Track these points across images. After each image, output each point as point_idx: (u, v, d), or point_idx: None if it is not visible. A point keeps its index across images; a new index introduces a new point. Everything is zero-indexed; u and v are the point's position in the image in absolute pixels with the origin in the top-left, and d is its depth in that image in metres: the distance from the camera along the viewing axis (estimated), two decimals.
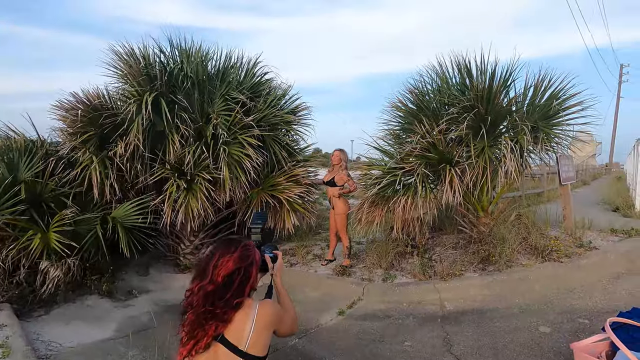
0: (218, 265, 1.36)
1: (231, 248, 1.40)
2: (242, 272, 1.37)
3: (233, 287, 1.34)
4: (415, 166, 4.05)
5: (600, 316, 3.11)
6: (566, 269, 3.91)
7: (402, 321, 3.37)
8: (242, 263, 1.38)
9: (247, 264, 1.39)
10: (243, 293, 1.36)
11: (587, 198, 9.78)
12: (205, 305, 1.32)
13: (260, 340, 1.33)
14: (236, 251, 1.39)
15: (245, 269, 1.38)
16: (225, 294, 1.33)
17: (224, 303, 1.32)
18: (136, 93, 4.44)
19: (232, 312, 1.33)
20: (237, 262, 1.37)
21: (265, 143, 4.84)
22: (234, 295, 1.33)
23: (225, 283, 1.34)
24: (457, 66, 4.50)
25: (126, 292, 4.46)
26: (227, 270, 1.35)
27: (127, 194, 4.81)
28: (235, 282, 1.35)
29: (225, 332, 1.30)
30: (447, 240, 4.92)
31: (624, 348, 1.91)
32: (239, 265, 1.37)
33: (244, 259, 1.39)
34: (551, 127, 4.11)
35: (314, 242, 6.00)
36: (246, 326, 1.32)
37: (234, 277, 1.35)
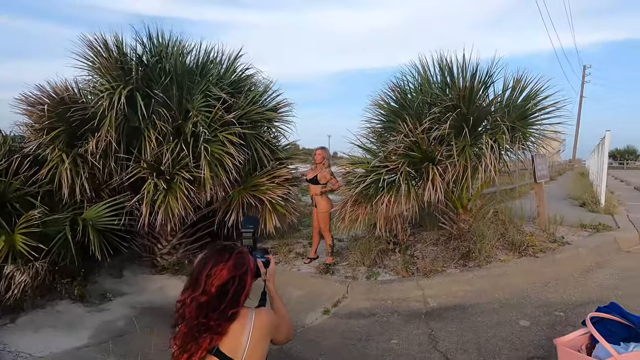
0: (211, 275, 1.29)
1: (225, 256, 1.33)
2: (236, 282, 1.30)
3: (227, 297, 1.28)
4: (399, 165, 4.08)
5: (574, 309, 3.26)
6: (541, 263, 4.08)
7: (388, 319, 3.39)
8: (237, 271, 1.31)
9: (241, 273, 1.32)
10: (238, 303, 1.29)
11: (556, 193, 10.24)
12: (198, 317, 1.25)
13: (258, 351, 1.29)
14: (230, 259, 1.32)
15: (240, 278, 1.32)
16: (219, 305, 1.26)
17: (218, 315, 1.26)
18: (109, 87, 4.21)
19: (227, 324, 1.27)
20: (232, 271, 1.30)
21: (246, 141, 4.72)
22: (228, 306, 1.27)
23: (219, 293, 1.27)
24: (438, 65, 4.56)
25: (100, 295, 4.25)
26: (221, 280, 1.28)
27: (100, 193, 4.58)
28: (230, 292, 1.28)
29: (220, 344, 1.24)
30: (427, 237, 5.01)
31: (602, 341, 2.00)
32: (234, 274, 1.30)
33: (238, 267, 1.32)
34: (527, 126, 4.25)
35: (296, 239, 5.95)
36: (242, 338, 1.26)
37: (228, 287, 1.28)
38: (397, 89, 4.84)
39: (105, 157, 4.40)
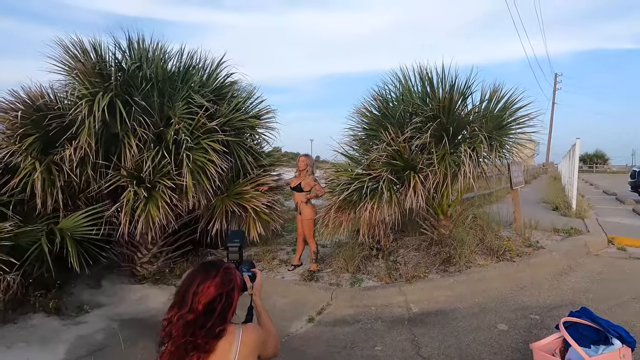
0: (198, 292, 1.28)
1: (212, 273, 1.33)
2: (224, 298, 1.30)
3: (215, 315, 1.27)
4: (382, 172, 4.16)
5: (549, 311, 3.40)
6: (518, 267, 4.23)
7: (372, 325, 3.44)
8: (224, 288, 1.31)
9: (229, 289, 1.32)
10: (225, 320, 1.29)
11: (530, 197, 10.62)
12: (185, 335, 1.25)
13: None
14: (217, 276, 1.32)
15: (227, 295, 1.31)
16: (206, 323, 1.26)
17: (205, 332, 1.25)
18: (88, 93, 4.10)
19: (215, 341, 1.27)
20: (219, 288, 1.30)
21: (229, 148, 4.70)
22: (216, 324, 1.27)
23: (206, 311, 1.27)
24: (419, 75, 4.69)
25: (76, 307, 4.11)
26: (208, 298, 1.28)
27: (77, 202, 4.44)
28: (217, 310, 1.28)
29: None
30: (409, 243, 5.10)
31: (574, 344, 2.11)
32: (221, 291, 1.30)
33: (225, 283, 1.32)
34: (503, 136, 4.41)
35: (279, 246, 5.94)
36: (230, 355, 1.27)
37: (215, 304, 1.28)
38: (380, 97, 4.93)
39: (83, 165, 4.27)
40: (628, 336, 2.16)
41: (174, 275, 4.73)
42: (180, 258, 5.00)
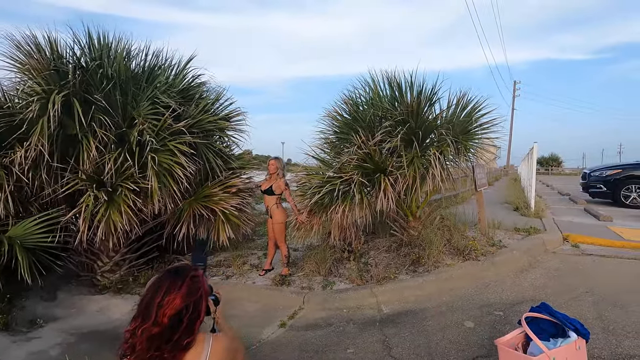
0: (164, 305, 1.21)
1: (177, 282, 1.26)
2: (191, 309, 1.24)
3: (182, 326, 1.21)
4: (353, 175, 4.19)
5: (511, 307, 3.56)
6: (483, 266, 4.39)
7: (344, 328, 3.44)
8: (191, 298, 1.25)
9: (196, 299, 1.27)
10: (193, 331, 1.24)
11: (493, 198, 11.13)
12: (150, 350, 1.19)
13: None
14: (183, 285, 1.26)
15: (195, 305, 1.26)
16: (173, 336, 1.20)
17: (172, 346, 1.20)
18: (41, 90, 3.84)
19: (182, 353, 1.22)
20: (185, 299, 1.23)
21: (198, 150, 4.56)
22: (183, 336, 1.21)
23: (173, 324, 1.20)
24: (387, 80, 4.79)
25: (28, 322, 3.81)
26: (174, 310, 1.21)
27: (29, 208, 4.13)
28: (184, 321, 1.22)
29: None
30: (380, 244, 5.17)
31: (535, 338, 2.21)
32: (188, 302, 1.24)
33: (192, 293, 1.26)
34: (469, 140, 4.59)
35: (250, 250, 5.83)
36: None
37: (182, 316, 1.22)
38: (350, 101, 4.99)
39: (36, 168, 3.99)
40: (583, 328, 2.29)
41: (138, 283, 4.51)
42: (145, 265, 4.78)
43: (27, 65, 4.03)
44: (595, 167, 11.14)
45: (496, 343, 2.29)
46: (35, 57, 4.01)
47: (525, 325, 2.26)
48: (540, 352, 2.14)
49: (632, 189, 9.31)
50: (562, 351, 2.17)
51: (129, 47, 4.63)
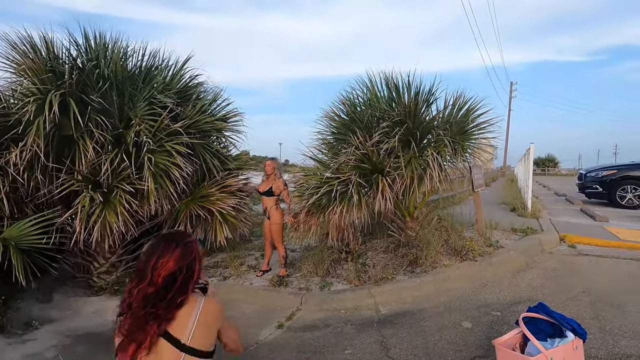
0: (158, 267, 1.29)
1: (171, 246, 1.34)
2: (184, 270, 1.32)
3: (175, 286, 1.29)
4: (351, 176, 4.19)
5: (508, 308, 3.56)
6: (480, 267, 4.40)
7: (341, 329, 3.43)
8: (184, 261, 1.33)
9: (189, 261, 1.34)
10: (187, 290, 1.31)
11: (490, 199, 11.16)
12: (146, 307, 1.26)
13: (204, 335, 1.30)
14: (177, 249, 1.33)
15: (188, 267, 1.33)
16: (167, 295, 1.27)
17: (166, 303, 1.27)
18: (37, 91, 3.81)
19: (176, 310, 1.28)
20: (179, 261, 1.31)
21: (195, 151, 4.54)
22: (177, 294, 1.29)
23: (167, 284, 1.28)
24: (385, 81, 4.79)
25: (23, 324, 3.78)
26: (167, 271, 1.29)
27: (24, 209, 4.10)
28: (178, 281, 1.30)
29: (168, 327, 1.27)
30: (378, 245, 5.17)
31: (532, 339, 2.21)
32: (181, 265, 1.31)
33: (185, 256, 1.34)
34: (466, 140, 4.60)
35: (247, 251, 5.81)
36: (189, 321, 1.28)
37: (176, 276, 1.30)
38: (348, 102, 4.99)
39: (31, 168, 3.96)
40: (580, 328, 2.29)
41: None
42: None
43: (23, 65, 4.01)
44: (591, 168, 11.20)
45: (494, 343, 2.29)
46: (31, 57, 3.98)
47: (523, 325, 2.27)
48: (538, 352, 2.14)
49: (627, 190, 9.36)
50: (559, 351, 2.17)
51: (125, 48, 4.60)
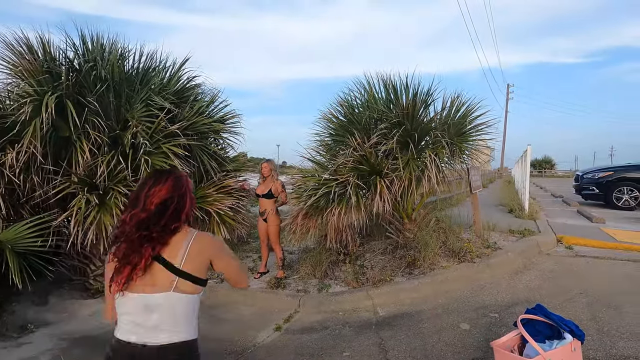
0: (150, 195, 1.35)
1: (163, 177, 1.40)
2: (175, 200, 1.37)
3: (168, 213, 1.34)
4: (349, 177, 4.18)
5: (506, 309, 3.56)
6: (478, 268, 4.40)
7: (339, 331, 3.42)
8: (175, 192, 1.38)
9: (180, 193, 1.39)
10: (179, 218, 1.36)
11: (487, 200, 11.20)
12: (139, 230, 1.31)
13: (196, 261, 1.33)
14: (169, 180, 1.39)
15: (179, 197, 1.38)
16: (160, 220, 1.32)
17: (160, 228, 1.32)
18: (34, 92, 3.79)
19: (170, 236, 1.33)
20: (170, 191, 1.37)
21: (192, 153, 4.53)
22: (170, 221, 1.34)
23: (159, 211, 1.33)
24: (383, 82, 4.80)
25: (19, 327, 3.74)
26: (160, 199, 1.34)
27: (20, 211, 4.07)
28: (170, 209, 1.35)
29: (162, 252, 1.31)
30: (376, 246, 5.17)
31: (531, 340, 2.21)
32: (172, 194, 1.37)
33: (177, 187, 1.39)
34: (463, 142, 4.61)
35: (245, 253, 5.80)
36: (182, 246, 1.33)
37: (168, 204, 1.35)
38: (345, 103, 4.99)
39: (27, 170, 3.93)
40: (578, 330, 2.29)
41: None
42: None
43: (19, 67, 3.99)
44: (587, 170, 11.26)
45: (492, 345, 2.29)
46: (27, 59, 3.97)
47: (521, 327, 2.26)
48: (536, 354, 2.14)
49: (624, 191, 9.41)
50: (557, 353, 2.17)
51: (122, 49, 4.60)
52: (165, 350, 1.27)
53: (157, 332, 1.27)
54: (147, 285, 1.28)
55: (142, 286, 1.28)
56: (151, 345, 1.26)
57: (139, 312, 1.28)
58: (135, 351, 1.27)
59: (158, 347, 1.26)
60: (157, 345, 1.26)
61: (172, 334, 1.28)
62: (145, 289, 1.28)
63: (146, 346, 1.26)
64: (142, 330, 1.27)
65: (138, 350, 1.26)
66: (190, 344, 1.33)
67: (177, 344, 1.28)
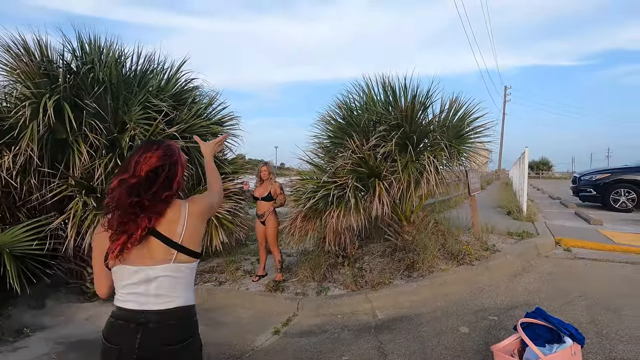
0: (140, 162, 1.34)
1: (153, 146, 1.39)
2: (167, 168, 1.36)
3: (159, 181, 1.33)
4: (347, 180, 4.17)
5: (506, 312, 3.56)
6: (477, 271, 4.40)
7: (338, 335, 3.40)
8: (166, 160, 1.37)
9: (171, 162, 1.39)
10: (171, 188, 1.36)
11: (486, 202, 11.21)
12: (131, 196, 1.30)
13: (196, 233, 1.37)
14: (159, 149, 1.38)
15: (170, 166, 1.38)
16: (151, 187, 1.32)
17: (151, 195, 1.31)
18: (31, 95, 3.78)
19: (163, 206, 1.33)
20: (161, 159, 1.36)
21: (190, 155, 4.51)
22: (161, 189, 1.33)
23: (149, 177, 1.33)
24: (382, 85, 4.80)
25: (15, 332, 3.71)
26: (150, 166, 1.34)
27: (17, 214, 4.05)
28: (161, 177, 1.34)
29: (158, 225, 1.31)
30: (374, 249, 5.16)
31: (531, 344, 2.20)
32: (163, 162, 1.36)
33: (168, 156, 1.39)
34: (462, 144, 4.61)
35: (243, 256, 5.78)
36: (179, 219, 1.34)
37: (159, 172, 1.35)
38: (344, 105, 4.98)
39: (25, 173, 3.91)
40: (578, 334, 2.29)
41: None
42: None
43: (17, 70, 3.97)
44: (585, 172, 11.29)
45: (492, 349, 2.28)
46: (24, 61, 3.95)
47: (521, 330, 2.26)
48: (537, 358, 2.14)
49: (621, 193, 9.44)
50: (558, 357, 2.16)
51: (120, 51, 4.59)
52: (164, 315, 1.32)
53: (157, 298, 1.32)
54: (145, 257, 1.31)
55: (140, 258, 1.31)
56: (151, 311, 1.32)
57: (139, 284, 1.32)
58: (137, 316, 1.32)
59: (157, 312, 1.32)
60: (156, 311, 1.32)
61: (170, 300, 1.34)
62: (144, 261, 1.31)
63: (146, 312, 1.32)
64: (143, 298, 1.32)
65: (138, 315, 1.32)
66: (187, 309, 1.38)
67: (175, 309, 1.34)
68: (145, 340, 1.30)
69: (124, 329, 1.32)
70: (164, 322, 1.32)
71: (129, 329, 1.31)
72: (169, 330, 1.33)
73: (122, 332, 1.32)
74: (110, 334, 1.35)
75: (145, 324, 1.31)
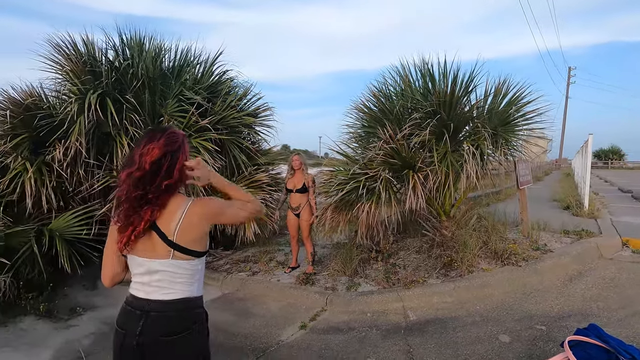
0: (144, 154, 1.37)
1: (156, 136, 1.41)
2: (169, 157, 1.39)
3: (161, 171, 1.37)
4: (379, 171, 3.97)
5: (555, 321, 3.19)
6: (524, 273, 4.00)
7: (366, 334, 3.28)
8: (169, 148, 1.39)
9: (173, 149, 1.41)
10: (172, 176, 1.38)
11: (541, 195, 10.29)
12: (136, 189, 1.34)
13: (191, 234, 1.37)
14: (161, 138, 1.40)
15: (173, 154, 1.40)
16: (154, 179, 1.36)
17: (154, 188, 1.35)
18: (78, 91, 4.02)
19: (164, 195, 1.37)
20: (163, 148, 1.38)
21: (223, 147, 4.57)
22: (163, 178, 1.36)
23: (153, 170, 1.36)
24: (420, 70, 4.47)
25: (69, 310, 4.04)
26: (153, 157, 1.37)
27: (70, 202, 4.38)
28: (164, 167, 1.37)
29: (158, 219, 1.36)
30: (410, 244, 4.92)
31: None
32: (165, 151, 1.38)
33: (170, 144, 1.40)
34: (509, 133, 4.17)
35: (277, 246, 5.82)
36: (175, 216, 1.36)
37: (161, 163, 1.37)
38: (379, 93, 4.73)
39: (74, 164, 4.21)
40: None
41: None
42: None
43: (65, 67, 4.25)
44: None
45: None
46: (73, 60, 4.21)
47: (569, 350, 1.97)
48: None
49: None
50: None
51: (159, 47, 4.73)
52: (166, 305, 1.39)
53: (159, 289, 1.39)
54: (148, 250, 1.38)
55: (144, 251, 1.38)
56: (155, 300, 1.39)
57: (144, 274, 1.40)
58: (144, 304, 1.39)
59: (159, 301, 1.39)
60: (159, 300, 1.39)
61: (170, 292, 1.39)
62: (147, 254, 1.38)
63: (151, 301, 1.39)
64: (148, 287, 1.40)
65: (145, 303, 1.39)
66: (187, 302, 1.42)
67: (174, 300, 1.39)
68: (145, 327, 1.36)
69: (131, 315, 1.40)
70: (163, 312, 1.39)
71: (135, 315, 1.39)
72: (167, 320, 1.39)
73: (129, 318, 1.40)
74: (121, 318, 1.43)
75: (148, 312, 1.38)
